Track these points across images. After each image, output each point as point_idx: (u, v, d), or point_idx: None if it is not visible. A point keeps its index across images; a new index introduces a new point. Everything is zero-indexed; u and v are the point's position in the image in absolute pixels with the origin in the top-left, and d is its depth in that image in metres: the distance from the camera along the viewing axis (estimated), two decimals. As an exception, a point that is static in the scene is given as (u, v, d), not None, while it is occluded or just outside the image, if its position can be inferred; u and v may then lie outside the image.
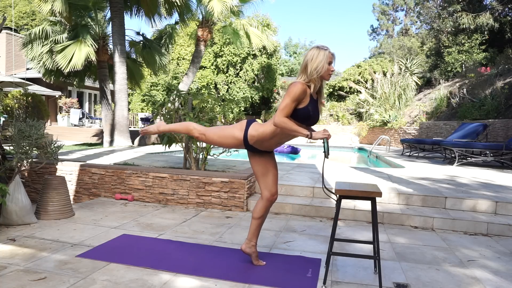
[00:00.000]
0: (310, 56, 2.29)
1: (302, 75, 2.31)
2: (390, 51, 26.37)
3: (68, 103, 19.99)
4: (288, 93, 2.26)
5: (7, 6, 26.59)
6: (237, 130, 2.49)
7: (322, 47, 2.31)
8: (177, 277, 2.44)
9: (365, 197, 2.39)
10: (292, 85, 2.28)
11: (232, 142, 2.51)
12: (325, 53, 2.28)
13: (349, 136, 16.84)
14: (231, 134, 2.50)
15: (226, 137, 2.52)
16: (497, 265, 2.84)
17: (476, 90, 12.99)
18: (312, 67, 2.27)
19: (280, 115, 2.27)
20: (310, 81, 2.30)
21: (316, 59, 2.27)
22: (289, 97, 2.25)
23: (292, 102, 2.25)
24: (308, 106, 2.30)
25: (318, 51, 2.29)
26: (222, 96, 21.01)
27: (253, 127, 2.45)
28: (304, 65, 2.31)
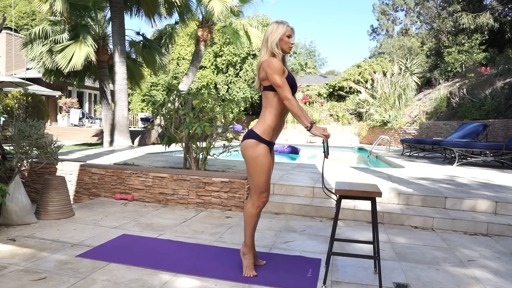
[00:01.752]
0: (270, 30, 2.41)
1: (264, 49, 2.40)
2: (390, 51, 26.37)
3: (68, 103, 20.00)
4: (272, 70, 2.29)
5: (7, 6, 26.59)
6: (257, 154, 2.36)
7: (281, 21, 2.42)
8: (177, 277, 2.44)
9: (365, 197, 2.39)
10: (268, 62, 2.32)
11: (266, 162, 2.37)
12: (284, 26, 2.39)
13: (349, 136, 16.84)
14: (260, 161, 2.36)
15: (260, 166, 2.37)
16: (497, 265, 2.84)
17: (476, 90, 13.00)
18: (272, 39, 2.37)
19: (288, 92, 2.28)
20: (274, 54, 2.38)
21: (275, 32, 2.37)
22: (276, 73, 2.29)
23: (282, 76, 2.31)
24: (290, 74, 2.40)
25: (277, 24, 2.40)
26: (222, 96, 21.03)
27: (257, 127, 2.40)
28: (266, 39, 2.40)
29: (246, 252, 2.52)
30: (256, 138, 2.37)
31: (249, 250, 2.52)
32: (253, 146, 2.36)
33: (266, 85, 2.38)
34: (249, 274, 2.46)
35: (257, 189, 2.40)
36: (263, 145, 2.37)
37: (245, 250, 2.52)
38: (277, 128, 2.44)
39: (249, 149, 2.37)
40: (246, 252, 2.51)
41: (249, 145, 2.37)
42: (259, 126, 2.40)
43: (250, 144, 2.37)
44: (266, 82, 2.36)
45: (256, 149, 2.36)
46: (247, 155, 2.38)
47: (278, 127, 2.44)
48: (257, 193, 2.41)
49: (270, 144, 2.43)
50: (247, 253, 2.51)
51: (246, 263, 2.50)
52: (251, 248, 2.53)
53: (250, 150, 2.37)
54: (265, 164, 2.36)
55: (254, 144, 2.36)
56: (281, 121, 2.44)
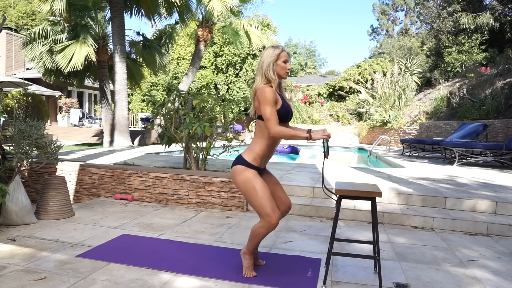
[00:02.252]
0: (265, 55, 2.36)
1: (259, 75, 2.36)
2: (390, 51, 26.37)
3: (68, 103, 19.99)
4: (263, 101, 2.25)
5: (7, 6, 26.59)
6: (246, 178, 2.34)
7: (277, 46, 2.38)
8: (177, 277, 2.44)
9: (365, 197, 2.39)
10: (261, 91, 2.28)
11: (256, 183, 2.33)
12: (279, 51, 2.35)
13: (349, 136, 16.84)
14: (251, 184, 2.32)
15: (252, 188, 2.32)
16: (497, 265, 2.84)
17: (476, 90, 12.99)
18: (267, 65, 2.33)
19: (273, 126, 2.25)
20: (269, 80, 2.34)
21: (271, 57, 2.34)
22: (267, 104, 2.25)
23: (273, 107, 2.26)
24: (284, 104, 2.35)
25: (273, 50, 2.36)
26: (222, 96, 21.03)
27: (246, 154, 2.39)
28: (261, 64, 2.36)
29: (247, 253, 2.51)
30: (244, 164, 2.37)
31: (250, 252, 2.51)
32: (242, 172, 2.36)
33: (259, 114, 2.35)
34: (249, 275, 2.46)
35: (260, 212, 2.32)
36: (251, 169, 2.36)
37: (246, 251, 2.51)
38: (266, 156, 2.43)
39: (238, 175, 2.37)
40: (247, 253, 2.51)
41: (238, 171, 2.37)
42: (247, 153, 2.39)
43: (239, 171, 2.37)
44: (260, 111, 2.34)
45: (244, 174, 2.35)
46: (237, 182, 2.37)
47: (267, 155, 2.43)
48: (263, 216, 2.32)
49: (260, 169, 2.43)
50: (248, 254, 2.51)
51: (246, 264, 2.50)
52: (252, 251, 2.52)
53: (239, 176, 2.36)
54: (256, 185, 2.31)
55: (242, 170, 2.36)
56: (270, 150, 2.42)
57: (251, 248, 2.49)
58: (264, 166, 2.47)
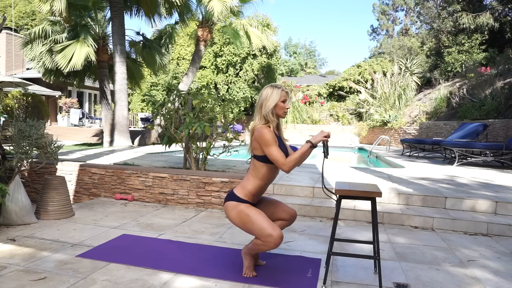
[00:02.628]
0: (265, 95, 2.37)
1: (258, 115, 2.37)
2: (390, 51, 26.36)
3: (68, 103, 19.99)
4: (265, 143, 2.27)
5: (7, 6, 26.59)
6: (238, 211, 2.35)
7: (275, 85, 2.39)
8: (177, 277, 2.44)
9: (365, 197, 2.39)
10: (259, 133, 2.29)
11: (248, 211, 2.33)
12: (278, 91, 2.36)
13: (349, 136, 16.83)
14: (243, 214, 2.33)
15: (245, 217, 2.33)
16: (497, 265, 2.84)
17: (476, 90, 12.99)
18: (267, 105, 2.34)
19: (283, 164, 2.26)
20: (268, 121, 2.35)
21: (270, 98, 2.35)
22: (269, 145, 2.27)
23: (275, 146, 2.28)
24: (280, 145, 2.36)
25: (272, 89, 2.37)
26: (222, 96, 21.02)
27: (238, 190, 2.41)
28: (260, 104, 2.37)
29: (247, 253, 2.51)
30: (236, 200, 2.39)
31: (251, 253, 2.52)
32: (234, 207, 2.37)
33: (256, 154, 2.37)
34: (249, 275, 2.46)
35: (261, 235, 2.29)
36: (243, 204, 2.37)
37: (247, 252, 2.52)
38: (258, 194, 2.45)
39: (231, 211, 2.38)
40: (248, 253, 2.51)
41: (230, 207, 2.38)
42: (240, 190, 2.41)
43: (231, 207, 2.38)
44: (257, 152, 2.36)
45: (236, 208, 2.36)
46: (231, 217, 2.38)
47: (259, 193, 2.45)
48: (264, 238, 2.29)
49: (252, 203, 2.43)
50: (249, 254, 2.51)
51: (247, 263, 2.50)
52: (253, 253, 2.53)
53: (232, 212, 2.37)
54: (249, 213, 2.32)
55: (235, 206, 2.37)
56: (262, 190, 2.45)
57: (252, 252, 2.49)
58: (256, 201, 2.48)
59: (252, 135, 2.38)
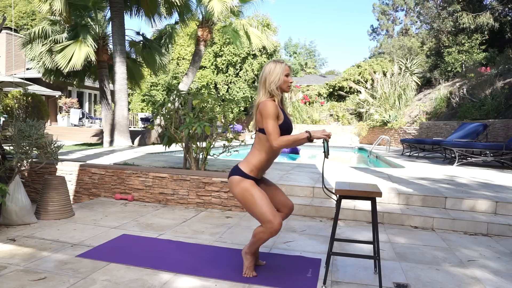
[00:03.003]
0: (267, 70, 2.37)
1: (262, 90, 2.37)
2: (390, 51, 26.38)
3: (68, 103, 19.99)
4: (266, 115, 2.27)
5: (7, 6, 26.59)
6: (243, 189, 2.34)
7: (278, 60, 2.40)
8: (177, 277, 2.44)
9: (365, 197, 2.39)
10: (263, 106, 2.30)
11: (254, 192, 2.33)
12: (281, 66, 2.37)
13: (349, 136, 16.84)
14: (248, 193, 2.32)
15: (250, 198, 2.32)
16: (497, 265, 2.84)
17: (476, 90, 12.99)
18: (270, 80, 2.34)
19: (275, 139, 2.26)
20: (272, 95, 2.36)
21: (273, 72, 2.35)
22: (269, 118, 2.27)
23: (275, 121, 2.28)
24: (285, 119, 2.37)
25: (275, 64, 2.37)
26: (222, 96, 21.01)
27: (243, 165, 2.40)
28: (264, 79, 2.37)
29: (248, 253, 2.51)
30: (241, 175, 2.38)
31: (251, 253, 2.51)
32: (239, 182, 2.36)
33: (260, 127, 2.37)
34: (249, 275, 2.46)
35: (261, 219, 2.31)
36: (248, 180, 2.37)
37: (248, 251, 2.52)
38: (263, 168, 2.45)
39: (235, 186, 2.37)
40: (248, 253, 2.51)
41: (234, 182, 2.38)
42: (244, 164, 2.40)
43: (235, 181, 2.37)
44: (261, 125, 2.36)
45: (241, 184, 2.35)
46: (235, 192, 2.38)
47: (264, 168, 2.45)
48: (264, 223, 2.31)
49: (256, 179, 2.44)
50: (249, 254, 2.51)
51: (247, 263, 2.50)
52: (253, 252, 2.52)
53: (236, 187, 2.37)
54: (255, 193, 2.32)
55: (239, 180, 2.36)
56: (267, 164, 2.44)
57: (252, 250, 2.49)
58: (261, 177, 2.49)
59: (256, 110, 2.38)
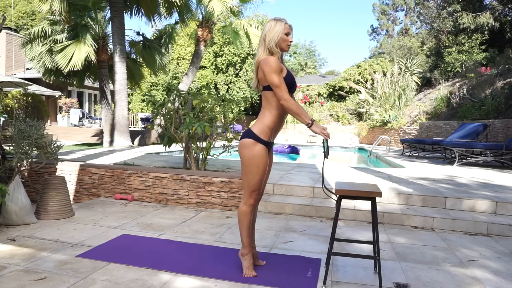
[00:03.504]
0: (268, 27, 2.36)
1: (262, 47, 2.37)
2: (390, 51, 26.38)
3: (68, 103, 19.99)
4: (269, 70, 2.26)
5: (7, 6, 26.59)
6: (253, 155, 2.33)
7: (279, 18, 2.38)
8: (177, 277, 2.44)
9: (365, 197, 2.39)
10: (265, 61, 2.29)
11: (261, 163, 2.34)
12: (282, 24, 2.35)
13: (349, 136, 16.83)
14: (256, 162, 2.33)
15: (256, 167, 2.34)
16: (497, 265, 2.84)
17: (476, 90, 12.99)
18: (270, 37, 2.33)
19: (284, 93, 2.25)
20: (272, 53, 2.35)
21: (273, 30, 2.33)
22: (273, 72, 2.26)
23: (279, 75, 2.27)
24: (288, 73, 2.36)
25: (275, 22, 2.36)
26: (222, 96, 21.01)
27: (255, 127, 2.37)
28: (263, 37, 2.37)
29: (244, 253, 2.51)
30: (253, 138, 2.35)
31: (248, 251, 2.50)
32: (250, 146, 2.35)
33: (264, 85, 2.35)
34: (249, 275, 2.46)
35: (248, 187, 2.38)
36: (261, 145, 2.35)
37: (244, 252, 2.51)
38: (276, 128, 2.42)
39: (246, 148, 2.35)
40: (245, 253, 2.50)
41: (246, 144, 2.35)
42: (257, 126, 2.37)
43: (247, 144, 2.35)
44: (265, 82, 2.33)
45: (253, 149, 2.34)
46: (244, 154, 2.36)
47: (276, 128, 2.42)
48: (248, 192, 2.40)
49: (268, 144, 2.42)
50: (246, 254, 2.50)
51: (246, 263, 2.50)
52: (249, 249, 2.51)
53: (247, 150, 2.35)
54: (260, 165, 2.35)
55: (251, 144, 2.34)
56: (280, 122, 2.41)
57: (245, 241, 2.47)
58: (273, 140, 2.47)
59: (257, 68, 2.36)
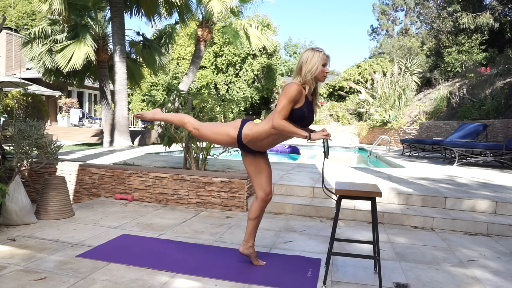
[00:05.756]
0: (305, 58, 2.31)
1: (298, 77, 2.32)
2: (390, 51, 26.37)
3: (68, 103, 19.99)
4: (284, 94, 2.25)
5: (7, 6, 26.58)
6: (231, 128, 2.48)
7: (317, 49, 2.34)
8: (177, 277, 2.44)
9: (365, 197, 2.39)
10: (287, 86, 2.28)
11: (225, 140, 2.51)
12: (319, 55, 2.31)
13: (349, 136, 16.84)
14: (225, 132, 2.50)
15: (220, 134, 2.52)
16: (497, 265, 2.84)
17: (476, 90, 12.99)
18: (307, 69, 2.28)
19: (278, 118, 2.26)
20: (305, 82, 2.31)
21: (311, 61, 2.29)
22: (285, 98, 2.25)
23: (289, 103, 2.25)
24: (303, 107, 2.31)
25: (313, 53, 2.31)
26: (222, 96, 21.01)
27: (248, 126, 2.45)
28: (299, 66, 2.32)
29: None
30: (240, 131, 2.49)
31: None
32: (234, 124, 2.53)
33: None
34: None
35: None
36: (238, 142, 2.50)
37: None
38: (255, 141, 2.47)
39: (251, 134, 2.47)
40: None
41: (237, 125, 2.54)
42: (249, 126, 2.48)
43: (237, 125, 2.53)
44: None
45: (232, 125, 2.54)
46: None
47: (256, 142, 2.48)
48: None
49: (246, 148, 2.54)
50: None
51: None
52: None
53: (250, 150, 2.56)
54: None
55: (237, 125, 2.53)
56: (263, 140, 2.45)
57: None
58: (250, 149, 2.54)
59: (282, 89, 2.35)
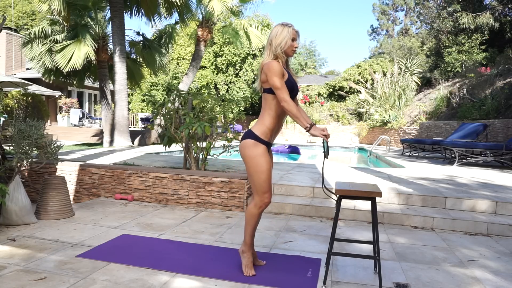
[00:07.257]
0: (274, 33, 2.41)
1: (268, 51, 2.41)
2: (390, 51, 26.38)
3: (68, 103, 19.99)
4: (272, 72, 2.31)
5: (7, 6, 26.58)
6: (254, 154, 2.37)
7: (286, 24, 2.42)
8: (177, 277, 2.44)
9: (365, 197, 2.39)
10: (268, 64, 2.34)
11: (264, 161, 2.38)
12: (288, 29, 2.39)
13: (349, 136, 16.83)
14: (258, 160, 2.37)
15: (259, 165, 2.38)
16: (497, 265, 2.84)
17: (476, 90, 12.99)
18: (276, 43, 2.37)
19: (285, 94, 2.30)
20: (276, 57, 2.39)
21: (280, 35, 2.37)
22: (275, 76, 2.31)
23: (281, 79, 2.32)
24: (289, 78, 2.39)
25: (282, 27, 2.40)
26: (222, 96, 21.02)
27: (256, 128, 2.43)
28: (270, 41, 2.41)
29: (245, 251, 2.54)
30: (254, 138, 2.41)
31: (248, 249, 2.53)
32: (251, 146, 2.40)
33: (266, 87, 2.41)
34: (249, 273, 2.47)
35: (258, 189, 2.41)
36: (261, 145, 2.41)
37: (244, 249, 2.54)
38: (275, 129, 2.47)
39: (247, 149, 2.40)
40: (245, 251, 2.53)
41: (247, 145, 2.41)
42: (257, 127, 2.43)
43: (248, 144, 2.40)
44: (266, 85, 2.39)
45: (254, 149, 2.39)
46: (246, 155, 2.41)
47: (276, 129, 2.48)
48: (259, 194, 2.42)
49: (268, 145, 2.48)
50: (246, 251, 2.53)
51: (245, 261, 2.51)
52: (250, 247, 2.54)
53: (248, 150, 2.40)
54: (263, 163, 2.39)
55: (252, 144, 2.40)
56: (279, 123, 2.47)
57: (248, 240, 2.51)
58: (273, 140, 2.52)
59: (261, 71, 2.41)
